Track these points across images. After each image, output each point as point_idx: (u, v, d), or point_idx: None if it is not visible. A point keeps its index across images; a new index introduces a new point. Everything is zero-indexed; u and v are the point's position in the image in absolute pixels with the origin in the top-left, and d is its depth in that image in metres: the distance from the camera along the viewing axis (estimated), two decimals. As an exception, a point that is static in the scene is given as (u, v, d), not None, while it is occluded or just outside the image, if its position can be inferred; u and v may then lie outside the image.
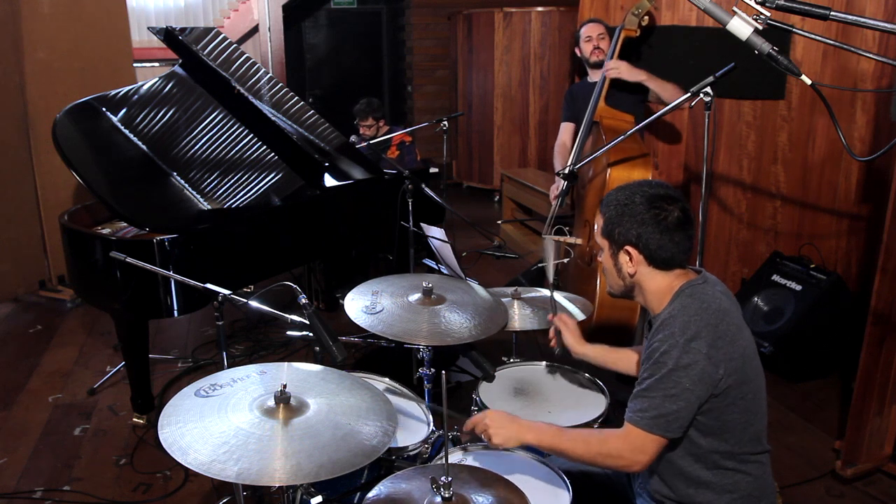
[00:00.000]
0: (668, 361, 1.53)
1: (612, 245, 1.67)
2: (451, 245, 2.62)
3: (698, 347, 1.52)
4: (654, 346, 1.57)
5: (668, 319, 1.58)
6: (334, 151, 3.76)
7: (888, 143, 1.55)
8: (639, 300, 1.71)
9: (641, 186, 1.64)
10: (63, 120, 3.23)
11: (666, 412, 1.53)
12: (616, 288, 1.73)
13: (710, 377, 1.52)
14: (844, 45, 1.57)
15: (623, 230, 1.63)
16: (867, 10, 3.28)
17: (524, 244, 5.45)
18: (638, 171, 3.14)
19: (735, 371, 1.55)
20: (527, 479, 1.75)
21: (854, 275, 3.51)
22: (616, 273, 1.69)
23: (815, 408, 3.20)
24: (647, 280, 1.65)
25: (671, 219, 1.59)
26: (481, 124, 7.15)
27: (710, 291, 1.61)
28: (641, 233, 1.60)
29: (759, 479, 1.65)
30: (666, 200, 1.60)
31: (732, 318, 1.58)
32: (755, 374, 1.61)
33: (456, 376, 3.27)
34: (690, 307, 1.57)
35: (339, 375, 1.73)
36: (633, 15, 3.56)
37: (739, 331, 1.58)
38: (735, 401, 1.56)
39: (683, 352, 1.52)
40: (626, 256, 1.64)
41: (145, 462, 2.87)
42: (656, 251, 1.61)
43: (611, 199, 1.66)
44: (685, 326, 1.54)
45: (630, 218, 1.61)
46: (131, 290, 2.81)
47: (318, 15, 8.04)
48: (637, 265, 1.64)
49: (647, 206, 1.60)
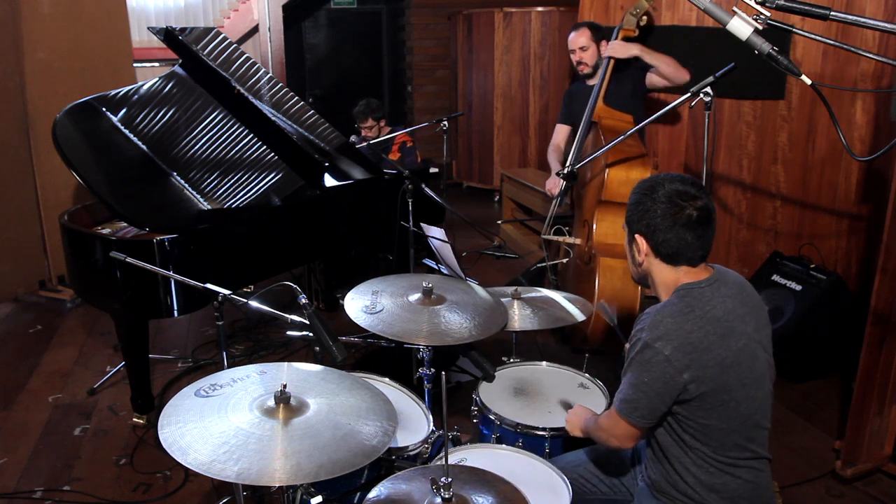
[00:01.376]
0: (632, 352, 1.62)
1: (629, 233, 1.72)
2: (451, 245, 2.62)
3: (660, 348, 1.56)
4: (631, 334, 1.67)
5: (646, 315, 1.64)
6: (334, 151, 3.76)
7: (888, 143, 1.55)
8: (651, 291, 1.76)
9: (670, 181, 1.64)
10: (63, 120, 3.23)
11: (629, 398, 1.62)
12: (633, 274, 1.79)
13: (671, 379, 1.55)
14: (844, 45, 1.57)
15: (637, 218, 1.67)
16: (867, 10, 3.28)
17: (524, 244, 5.45)
18: (636, 171, 3.15)
19: (709, 379, 1.56)
20: (527, 479, 1.75)
21: (854, 275, 3.51)
22: (631, 259, 1.75)
23: (815, 408, 3.20)
24: (654, 270, 1.69)
25: (683, 216, 1.60)
26: (481, 124, 7.15)
27: (707, 296, 1.61)
28: (651, 224, 1.64)
29: (752, 484, 1.65)
30: (687, 198, 1.61)
31: (717, 327, 1.58)
32: (741, 384, 1.59)
33: (456, 376, 3.27)
34: (670, 308, 1.61)
35: (339, 375, 1.73)
36: (632, 15, 3.56)
37: (722, 340, 1.58)
38: (714, 407, 1.58)
39: (645, 348, 1.58)
40: (636, 244, 1.69)
41: (145, 462, 2.87)
42: (661, 244, 1.64)
43: (638, 188, 1.69)
44: (654, 325, 1.59)
45: (646, 208, 1.64)
46: (131, 290, 2.81)
47: (318, 15, 8.04)
48: (644, 255, 1.68)
49: (666, 200, 1.61)
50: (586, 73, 3.60)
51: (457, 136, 7.50)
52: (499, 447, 1.96)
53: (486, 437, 2.14)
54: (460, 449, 1.94)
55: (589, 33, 3.59)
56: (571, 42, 3.61)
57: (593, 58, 3.58)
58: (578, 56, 3.58)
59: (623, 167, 3.16)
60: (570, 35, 3.64)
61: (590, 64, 3.57)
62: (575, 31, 3.63)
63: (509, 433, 2.06)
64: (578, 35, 3.59)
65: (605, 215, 3.19)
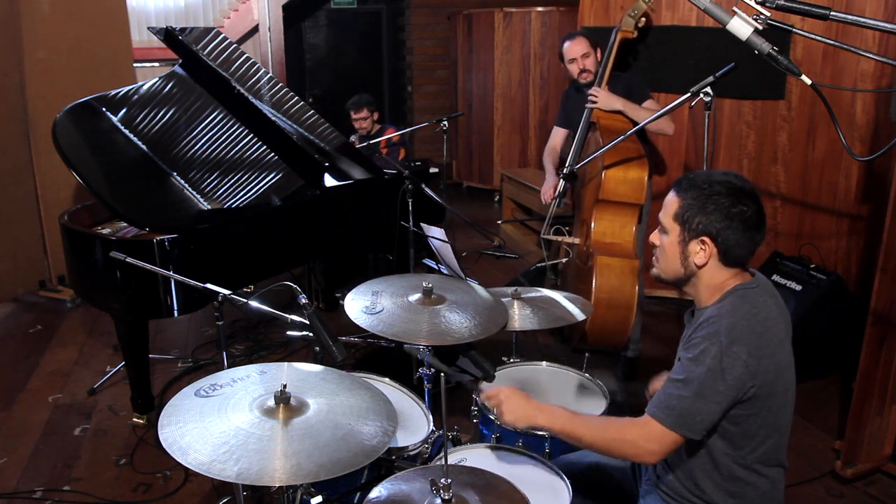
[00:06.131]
0: (707, 360, 1.49)
1: (686, 232, 1.58)
2: (451, 245, 2.62)
3: (738, 353, 1.48)
4: (695, 342, 1.53)
5: (716, 317, 1.53)
6: (334, 151, 3.76)
7: (888, 143, 1.55)
8: (688, 290, 1.66)
9: (725, 176, 1.56)
10: (63, 120, 3.22)
11: (693, 411, 1.49)
12: (671, 274, 1.65)
13: (743, 385, 1.49)
14: (844, 45, 1.57)
15: (705, 220, 1.54)
16: (867, 10, 3.28)
17: (524, 244, 5.45)
18: (634, 172, 3.15)
19: (766, 383, 1.52)
20: (527, 479, 1.75)
21: (854, 275, 3.51)
22: (680, 260, 1.61)
23: (815, 408, 3.20)
24: (709, 274, 1.59)
25: (752, 216, 1.53)
26: (481, 124, 7.15)
27: (761, 298, 1.57)
28: (724, 227, 1.53)
29: (768, 495, 1.63)
30: (748, 196, 1.54)
31: (776, 331, 1.55)
32: (784, 390, 1.57)
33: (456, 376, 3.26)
34: (740, 309, 1.53)
35: (339, 375, 1.73)
36: (630, 16, 3.54)
37: (781, 344, 1.55)
38: (759, 411, 1.54)
39: (724, 354, 1.48)
40: (699, 246, 1.57)
41: (145, 462, 2.87)
42: (733, 247, 1.55)
43: (692, 185, 1.57)
44: (731, 328, 1.50)
45: (715, 209, 1.53)
46: (131, 290, 2.81)
47: (318, 15, 8.04)
48: (709, 258, 1.57)
49: (733, 201, 1.52)
50: (589, 80, 3.45)
51: (457, 136, 7.50)
52: (499, 447, 1.96)
53: (486, 437, 2.14)
54: (460, 449, 1.94)
55: (586, 40, 3.46)
56: (569, 52, 3.45)
57: (595, 64, 3.49)
58: (580, 64, 3.42)
59: (621, 168, 3.16)
60: (566, 45, 3.47)
61: (592, 70, 3.45)
62: (570, 40, 3.48)
63: (509, 433, 2.06)
64: (576, 43, 3.45)
65: (602, 214, 3.19)
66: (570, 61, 3.47)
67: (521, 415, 1.65)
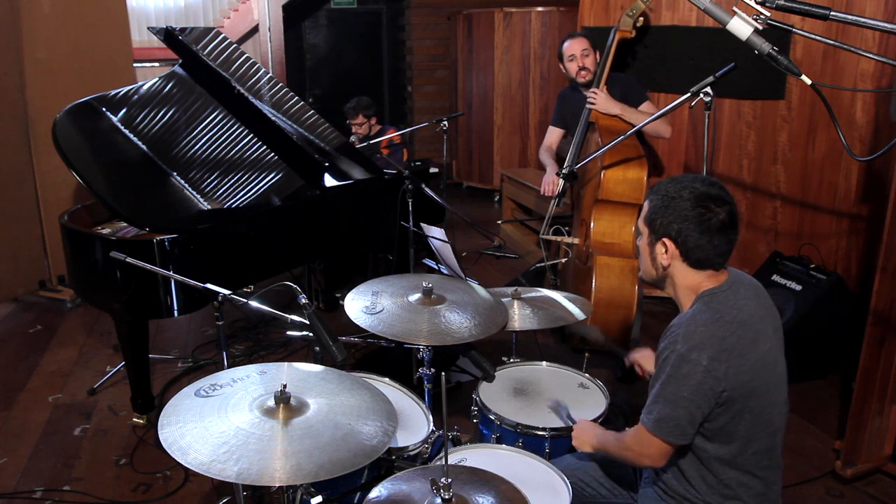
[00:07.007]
0: (667, 368, 1.56)
1: (652, 234, 1.66)
2: (451, 245, 2.62)
3: (697, 359, 1.52)
4: (659, 351, 1.61)
5: (675, 326, 1.60)
6: (334, 151, 3.76)
7: (888, 143, 1.55)
8: (668, 292, 1.73)
9: (695, 182, 1.61)
10: (63, 120, 3.22)
11: (666, 417, 1.56)
12: (648, 275, 1.75)
13: (710, 389, 1.52)
14: (844, 45, 1.57)
15: (665, 222, 1.61)
16: (867, 10, 3.28)
17: (524, 244, 5.45)
18: (632, 172, 3.15)
19: (740, 385, 1.53)
20: (527, 479, 1.75)
21: (854, 275, 3.51)
22: (650, 262, 1.70)
23: (815, 408, 3.20)
24: (678, 275, 1.66)
25: (715, 220, 1.57)
26: (481, 124, 7.15)
27: (730, 300, 1.59)
28: (682, 228, 1.59)
29: (763, 496, 1.64)
30: (715, 201, 1.58)
31: (747, 331, 1.56)
32: (766, 390, 1.58)
33: (456, 376, 3.27)
34: (700, 316, 1.57)
35: (339, 375, 1.73)
36: (628, 16, 3.55)
37: (753, 344, 1.56)
38: (741, 413, 1.55)
39: (682, 361, 1.53)
40: (663, 248, 1.64)
41: (145, 462, 2.87)
42: (692, 249, 1.60)
43: (661, 188, 1.64)
44: (688, 336, 1.55)
45: (674, 211, 1.59)
46: (131, 290, 2.81)
47: (318, 15, 8.03)
48: (671, 258, 1.64)
49: (694, 204, 1.57)
50: (588, 80, 3.48)
51: (457, 136, 7.50)
52: (499, 447, 1.96)
53: (486, 437, 2.14)
54: (460, 449, 1.94)
55: (587, 41, 3.49)
56: (570, 48, 3.48)
57: (594, 64, 3.49)
58: (580, 62, 3.46)
59: (620, 168, 3.17)
60: (566, 44, 3.50)
61: (591, 70, 3.47)
62: (571, 38, 3.51)
63: (509, 433, 2.06)
64: (576, 42, 3.48)
65: (602, 214, 3.20)
66: (570, 58, 3.49)
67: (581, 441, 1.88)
